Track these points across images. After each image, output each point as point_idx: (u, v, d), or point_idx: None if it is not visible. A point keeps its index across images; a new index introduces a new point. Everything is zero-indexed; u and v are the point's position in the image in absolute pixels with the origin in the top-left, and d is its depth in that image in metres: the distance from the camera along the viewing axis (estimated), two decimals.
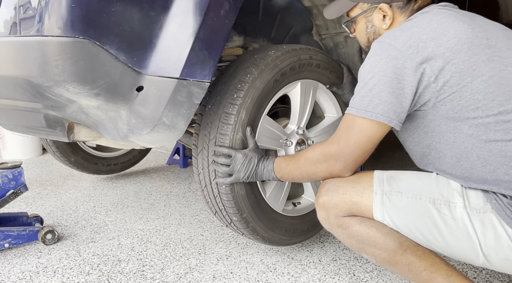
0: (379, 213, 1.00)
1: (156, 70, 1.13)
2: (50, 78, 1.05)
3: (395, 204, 0.99)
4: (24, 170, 1.79)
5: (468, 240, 0.92)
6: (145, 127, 1.19)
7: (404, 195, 0.99)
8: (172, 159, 3.12)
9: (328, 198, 1.06)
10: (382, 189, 1.01)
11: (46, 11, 1.02)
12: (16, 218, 1.78)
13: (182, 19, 1.13)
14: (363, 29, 1.19)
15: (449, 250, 0.97)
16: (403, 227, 0.99)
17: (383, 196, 1.00)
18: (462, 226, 0.92)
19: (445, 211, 0.94)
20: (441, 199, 0.95)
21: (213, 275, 1.42)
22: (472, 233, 0.91)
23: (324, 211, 1.08)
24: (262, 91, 1.33)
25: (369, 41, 1.19)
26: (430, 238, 0.97)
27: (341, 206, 1.04)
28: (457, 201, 0.94)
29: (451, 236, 0.94)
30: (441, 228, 0.94)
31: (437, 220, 0.94)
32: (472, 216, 0.92)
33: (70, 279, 1.42)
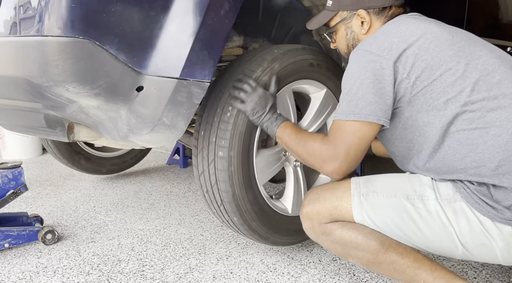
0: (359, 213, 1.05)
1: (156, 70, 1.13)
2: (50, 78, 1.06)
3: (372, 203, 1.04)
4: (24, 170, 1.79)
5: (445, 231, 0.96)
6: (145, 127, 1.19)
7: (380, 194, 1.04)
8: (172, 159, 3.12)
9: (310, 207, 1.11)
10: (359, 191, 1.06)
11: (46, 11, 1.02)
12: (16, 218, 1.78)
13: (182, 19, 1.13)
14: (343, 36, 1.26)
15: (429, 244, 1.01)
16: (383, 225, 1.03)
17: (360, 197, 1.05)
18: (437, 217, 0.97)
19: (419, 204, 0.99)
20: (414, 194, 1.01)
21: (213, 275, 1.42)
22: (446, 223, 0.96)
23: (308, 220, 1.13)
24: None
25: (348, 47, 1.26)
26: (409, 233, 1.01)
27: (323, 213, 1.09)
28: (428, 194, 0.99)
29: (428, 228, 0.98)
30: (417, 222, 0.99)
31: (413, 214, 0.99)
32: (444, 206, 0.97)
33: (70, 279, 1.42)
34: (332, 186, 1.12)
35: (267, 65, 1.34)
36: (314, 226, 1.12)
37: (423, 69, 0.99)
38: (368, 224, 1.05)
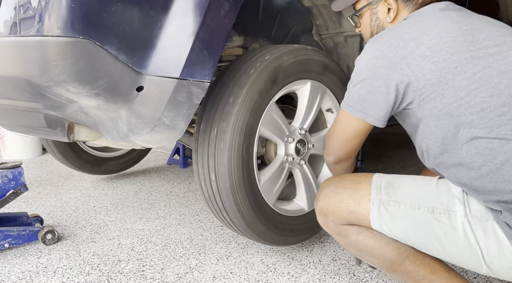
0: (377, 223, 0.99)
1: (156, 70, 1.13)
2: (50, 78, 1.05)
3: (393, 214, 0.97)
4: (24, 170, 1.79)
5: (470, 249, 0.89)
6: (145, 127, 1.19)
7: (402, 204, 0.96)
8: (172, 159, 3.12)
9: (325, 204, 1.06)
10: (379, 198, 0.99)
11: (46, 11, 1.02)
12: (16, 218, 1.78)
13: (182, 19, 1.13)
14: (368, 22, 1.21)
15: (450, 259, 0.95)
16: (402, 237, 0.98)
17: (380, 206, 0.98)
18: (463, 235, 0.89)
19: (445, 220, 0.91)
20: (441, 208, 0.92)
21: (213, 275, 1.42)
22: (473, 242, 0.88)
23: (323, 216, 1.08)
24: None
25: (372, 35, 1.21)
26: (430, 248, 0.95)
27: (339, 214, 1.04)
28: (457, 209, 0.91)
29: (451, 245, 0.91)
30: (441, 238, 0.92)
31: (436, 230, 0.92)
32: (473, 224, 0.89)
33: (70, 279, 1.42)
34: (351, 184, 1.04)
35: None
36: (328, 224, 1.07)
37: (433, 72, 0.91)
38: (385, 233, 0.99)
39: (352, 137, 1.07)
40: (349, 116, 1.05)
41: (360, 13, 1.23)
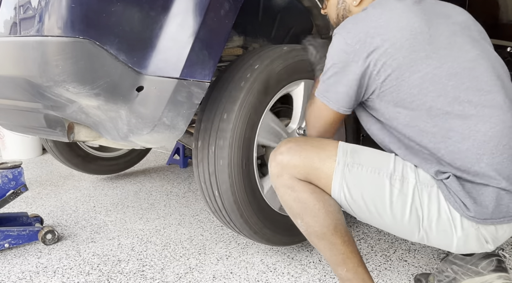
0: (338, 183, 1.03)
1: (156, 70, 1.13)
2: (50, 78, 1.05)
3: (355, 176, 1.03)
4: (24, 170, 1.79)
5: (413, 214, 0.99)
6: (145, 128, 1.19)
7: (365, 167, 1.03)
8: (172, 159, 3.12)
9: (289, 156, 1.07)
10: (344, 160, 1.04)
11: (46, 11, 1.02)
12: (16, 218, 1.78)
13: (182, 19, 1.13)
14: (334, 4, 1.24)
15: (392, 225, 1.03)
16: (357, 198, 1.03)
17: (344, 167, 1.03)
18: (410, 200, 0.99)
19: (397, 185, 1.00)
20: (397, 175, 1.01)
21: (213, 275, 1.42)
22: (418, 206, 0.99)
23: (279, 167, 1.08)
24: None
25: (337, 17, 1.25)
26: (380, 211, 1.02)
27: (300, 169, 1.05)
28: (410, 177, 1.01)
29: (399, 210, 1.00)
30: (392, 201, 1.00)
31: (390, 193, 1.00)
32: (421, 190, 0.99)
33: (70, 279, 1.42)
34: (318, 144, 1.09)
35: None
36: (283, 176, 1.07)
37: (394, 69, 0.99)
38: (342, 194, 1.04)
39: (330, 125, 1.14)
40: (324, 107, 1.10)
41: None
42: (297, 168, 1.05)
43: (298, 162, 1.05)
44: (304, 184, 1.06)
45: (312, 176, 1.05)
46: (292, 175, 1.06)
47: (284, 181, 1.07)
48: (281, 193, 1.10)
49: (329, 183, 1.04)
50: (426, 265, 1.46)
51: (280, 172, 1.08)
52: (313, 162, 1.05)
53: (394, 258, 1.53)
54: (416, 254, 1.55)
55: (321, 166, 1.04)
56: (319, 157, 1.05)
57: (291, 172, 1.06)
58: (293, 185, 1.06)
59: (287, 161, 1.06)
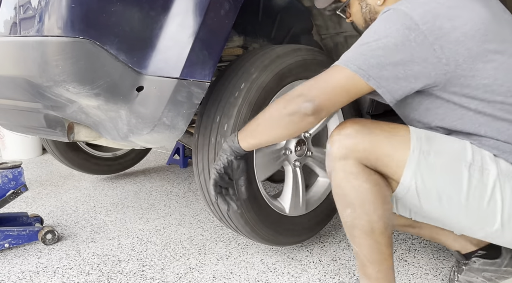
0: (411, 172, 0.95)
1: (156, 70, 1.13)
2: (50, 78, 1.06)
3: (431, 164, 0.95)
4: (24, 170, 1.79)
5: (491, 205, 0.93)
6: (145, 127, 1.19)
7: (441, 156, 0.96)
8: (172, 159, 3.12)
9: (357, 140, 0.97)
10: (420, 147, 0.95)
11: (46, 11, 1.02)
12: (16, 218, 1.78)
13: (182, 19, 1.13)
14: (358, 10, 1.19)
15: (460, 217, 0.97)
16: (431, 188, 0.96)
17: (420, 155, 0.95)
18: (490, 190, 0.93)
19: (477, 175, 0.94)
20: (476, 164, 0.95)
21: (213, 275, 1.42)
22: (498, 197, 0.92)
23: (345, 150, 0.98)
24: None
25: (366, 21, 1.19)
26: (454, 203, 0.95)
27: (368, 154, 0.96)
28: (490, 167, 0.94)
29: (476, 201, 0.94)
30: (470, 192, 0.94)
31: (469, 183, 0.94)
32: (503, 182, 0.93)
33: (70, 279, 1.42)
34: (388, 128, 0.99)
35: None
36: (348, 160, 0.98)
37: (465, 58, 0.91)
38: (413, 182, 0.96)
39: (346, 96, 0.98)
40: (352, 76, 0.95)
41: (348, 4, 1.21)
42: (366, 152, 0.97)
43: (368, 147, 0.96)
44: (370, 172, 0.98)
45: (380, 163, 0.97)
46: (359, 160, 0.97)
47: (348, 166, 0.98)
48: (340, 177, 1.00)
49: (400, 170, 0.96)
50: (426, 265, 1.46)
51: (345, 155, 0.98)
52: (384, 147, 0.96)
53: (394, 258, 1.53)
54: (416, 254, 1.55)
55: (393, 152, 0.96)
56: (390, 143, 0.96)
57: (359, 156, 0.97)
58: (358, 172, 0.98)
59: (354, 144, 0.97)
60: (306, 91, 0.98)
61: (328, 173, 1.04)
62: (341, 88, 0.96)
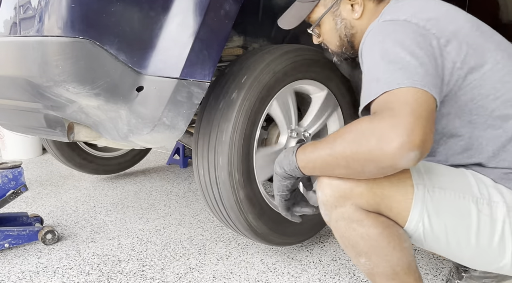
0: (418, 211, 0.84)
1: (156, 70, 1.13)
2: (50, 78, 1.06)
3: (438, 202, 0.84)
4: (24, 170, 1.79)
5: (502, 242, 0.84)
6: (145, 128, 1.19)
7: (447, 192, 0.85)
8: (172, 159, 3.11)
9: (352, 184, 0.83)
10: (423, 183, 0.85)
11: (46, 11, 1.02)
12: (16, 218, 1.78)
13: (182, 19, 1.13)
14: (332, 27, 1.07)
15: (470, 255, 0.88)
16: (439, 228, 0.85)
17: (425, 192, 0.84)
18: (501, 226, 0.84)
19: (486, 211, 0.84)
20: (483, 198, 0.85)
21: (213, 275, 1.42)
22: (508, 233, 0.84)
23: (338, 196, 0.85)
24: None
25: (341, 39, 1.07)
26: (463, 242, 0.86)
27: (368, 197, 0.84)
28: (498, 200, 0.85)
29: (486, 238, 0.85)
30: (480, 230, 0.84)
31: (478, 220, 0.84)
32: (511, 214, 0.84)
33: (70, 279, 1.42)
34: None
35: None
36: (344, 207, 0.85)
37: (476, 60, 0.84)
38: (421, 225, 0.85)
39: (434, 117, 0.77)
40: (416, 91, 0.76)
41: (319, 23, 1.10)
42: (364, 196, 0.83)
43: (365, 189, 0.83)
44: (375, 216, 0.85)
45: (383, 206, 0.85)
46: (358, 205, 0.84)
47: (347, 212, 0.85)
48: (342, 227, 0.88)
49: (406, 213, 0.85)
50: (426, 265, 1.46)
51: (340, 201, 0.85)
52: (383, 188, 0.83)
53: None
54: (416, 254, 1.55)
55: (393, 192, 0.84)
56: (390, 181, 0.83)
57: (357, 201, 0.84)
58: (361, 218, 0.85)
59: (350, 189, 0.83)
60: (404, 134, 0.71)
61: (326, 221, 0.92)
62: (421, 107, 0.75)
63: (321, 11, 1.07)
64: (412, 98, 0.75)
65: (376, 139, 0.72)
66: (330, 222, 0.90)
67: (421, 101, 0.75)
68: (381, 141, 0.72)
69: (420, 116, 0.72)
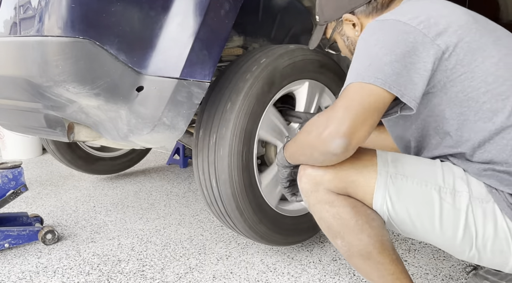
0: (380, 196, 0.92)
1: (156, 70, 1.13)
2: (50, 78, 1.06)
3: (400, 188, 0.91)
4: (24, 170, 1.79)
5: (466, 231, 0.89)
6: (145, 128, 1.19)
7: (410, 179, 0.91)
8: (172, 159, 3.12)
9: (321, 171, 0.94)
10: (387, 170, 0.92)
11: (46, 11, 1.02)
12: (16, 218, 1.78)
13: (182, 19, 1.14)
14: (343, 44, 1.18)
15: (441, 241, 0.93)
16: (403, 213, 0.92)
17: (387, 178, 0.91)
18: (464, 216, 0.88)
19: (449, 199, 0.89)
20: (447, 187, 0.90)
21: (213, 275, 1.42)
22: (471, 223, 0.88)
23: (312, 183, 0.95)
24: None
25: (351, 52, 1.17)
26: (428, 227, 0.92)
27: (336, 183, 0.93)
28: (462, 189, 0.89)
29: (450, 226, 0.90)
30: (442, 217, 0.90)
31: (441, 209, 0.90)
32: (475, 206, 0.88)
33: (70, 279, 1.42)
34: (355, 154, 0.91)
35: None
36: (318, 191, 0.95)
37: (466, 52, 0.87)
38: (385, 209, 0.92)
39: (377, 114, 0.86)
40: (374, 88, 0.84)
41: (333, 40, 1.19)
42: (333, 182, 0.93)
43: (333, 175, 0.93)
44: (344, 198, 0.94)
45: (350, 190, 0.94)
46: (328, 188, 0.94)
47: (320, 196, 0.96)
48: (318, 210, 0.98)
49: (370, 196, 0.93)
50: (426, 265, 1.46)
51: (314, 187, 0.96)
52: (349, 174, 0.93)
53: None
54: (416, 254, 1.55)
55: (358, 178, 0.93)
56: (355, 168, 0.93)
57: (327, 186, 0.94)
58: (332, 199, 0.95)
59: (320, 176, 0.94)
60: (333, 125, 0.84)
61: (308, 208, 1.02)
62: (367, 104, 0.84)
63: (330, 32, 1.19)
64: (357, 94, 0.85)
65: (316, 128, 0.86)
66: (310, 208, 1.00)
67: (365, 98, 0.84)
68: (319, 129, 0.86)
69: (354, 110, 0.83)
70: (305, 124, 0.95)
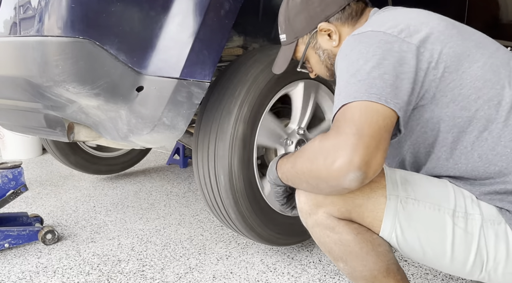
0: (390, 222, 0.85)
1: (156, 70, 1.13)
2: (50, 78, 1.06)
3: (410, 214, 0.85)
4: (24, 170, 1.79)
5: (478, 255, 0.84)
6: (145, 128, 1.19)
7: (422, 204, 0.85)
8: (172, 159, 3.11)
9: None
10: (396, 194, 0.85)
11: (46, 11, 1.02)
12: (16, 218, 1.78)
13: (182, 19, 1.14)
14: (317, 60, 1.08)
15: (449, 266, 0.88)
16: (413, 240, 0.86)
17: (397, 204, 0.84)
18: (476, 240, 0.83)
19: (461, 224, 0.84)
20: (459, 211, 0.84)
21: (213, 275, 1.42)
22: (482, 246, 0.83)
23: (311, 204, 0.88)
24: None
25: (328, 68, 1.08)
26: (438, 253, 0.86)
27: (340, 206, 0.86)
28: (474, 212, 0.84)
29: (461, 251, 0.84)
30: (455, 243, 0.84)
31: (453, 234, 0.84)
32: (486, 228, 0.83)
33: (70, 279, 1.42)
34: None
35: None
36: (317, 214, 0.88)
37: (452, 58, 0.82)
38: (394, 235, 0.86)
39: (388, 134, 0.76)
40: (372, 105, 0.76)
41: (305, 59, 1.10)
42: (336, 205, 0.86)
43: (336, 199, 0.85)
44: (346, 223, 0.87)
45: (354, 214, 0.86)
46: (330, 213, 0.87)
47: (320, 220, 0.89)
48: (317, 233, 0.92)
49: (378, 223, 0.86)
50: (426, 265, 1.46)
51: (313, 209, 0.88)
52: (355, 198, 0.85)
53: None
54: None
55: (365, 202, 0.85)
56: (362, 192, 0.85)
57: (328, 210, 0.86)
58: (333, 225, 0.87)
59: (322, 197, 0.86)
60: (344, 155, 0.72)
61: (306, 227, 0.95)
62: (375, 122, 0.74)
63: (302, 49, 1.08)
64: (359, 114, 0.75)
65: (323, 159, 0.75)
66: (308, 228, 0.94)
67: (369, 117, 0.75)
68: (326, 160, 0.74)
69: (364, 135, 0.73)
70: (304, 148, 0.84)
